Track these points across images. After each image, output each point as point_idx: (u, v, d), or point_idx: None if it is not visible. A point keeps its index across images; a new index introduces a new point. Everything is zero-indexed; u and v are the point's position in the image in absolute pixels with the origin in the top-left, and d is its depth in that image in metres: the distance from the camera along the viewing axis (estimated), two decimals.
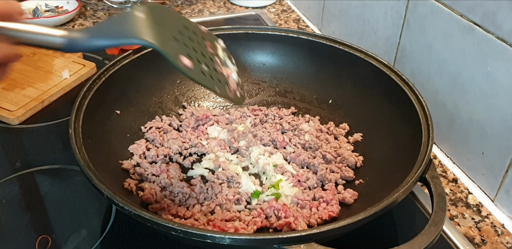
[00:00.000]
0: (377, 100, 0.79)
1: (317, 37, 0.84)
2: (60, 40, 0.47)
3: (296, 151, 0.78)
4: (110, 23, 0.50)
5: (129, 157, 0.76)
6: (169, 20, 0.54)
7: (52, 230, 0.68)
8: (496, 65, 0.69)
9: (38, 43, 0.47)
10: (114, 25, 0.49)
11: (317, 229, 0.51)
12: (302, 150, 0.79)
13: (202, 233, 0.50)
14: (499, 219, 0.73)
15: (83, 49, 0.49)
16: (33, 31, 0.46)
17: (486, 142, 0.74)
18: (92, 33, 0.48)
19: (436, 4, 0.77)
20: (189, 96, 0.89)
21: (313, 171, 0.75)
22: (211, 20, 1.27)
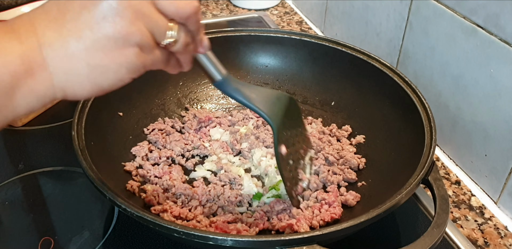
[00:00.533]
0: (379, 103, 0.79)
1: (319, 39, 0.84)
2: (220, 77, 0.52)
3: None
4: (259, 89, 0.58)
5: (131, 158, 0.76)
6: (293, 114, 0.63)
7: (54, 232, 0.68)
8: (499, 67, 0.68)
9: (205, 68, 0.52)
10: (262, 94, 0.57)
11: (320, 231, 0.51)
12: None
13: (204, 235, 0.50)
14: (502, 221, 0.73)
15: (225, 91, 0.55)
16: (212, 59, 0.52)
17: (489, 144, 0.74)
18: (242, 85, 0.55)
19: (439, 6, 0.77)
20: (191, 98, 0.89)
21: (316, 172, 0.75)
22: (214, 22, 1.27)
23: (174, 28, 0.43)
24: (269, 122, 0.57)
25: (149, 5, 0.40)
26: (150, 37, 0.41)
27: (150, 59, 0.43)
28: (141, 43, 0.41)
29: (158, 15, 0.41)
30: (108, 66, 0.40)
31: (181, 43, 0.44)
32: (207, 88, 0.90)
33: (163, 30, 0.42)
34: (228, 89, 0.54)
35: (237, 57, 0.90)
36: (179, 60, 0.48)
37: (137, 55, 0.41)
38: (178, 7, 0.42)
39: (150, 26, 0.41)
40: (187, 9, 0.42)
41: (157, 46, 0.43)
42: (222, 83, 0.53)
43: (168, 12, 0.42)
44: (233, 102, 0.90)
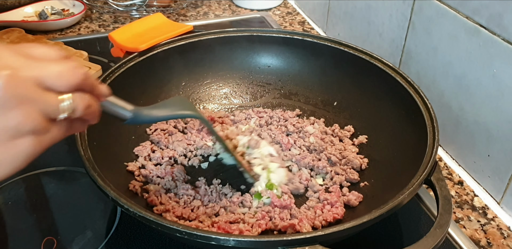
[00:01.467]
0: (382, 103, 0.79)
1: (322, 40, 0.84)
2: (130, 114, 0.53)
3: (301, 153, 0.78)
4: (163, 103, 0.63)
5: (134, 159, 0.76)
6: None
7: (57, 232, 0.68)
8: (502, 67, 0.68)
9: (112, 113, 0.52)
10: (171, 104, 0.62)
11: (322, 231, 0.51)
12: (307, 152, 0.78)
13: (206, 235, 0.50)
14: (505, 222, 0.73)
15: (142, 122, 0.57)
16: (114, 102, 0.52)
17: (492, 144, 0.74)
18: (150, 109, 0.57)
19: (442, 6, 0.77)
20: (194, 98, 0.89)
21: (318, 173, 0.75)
22: (216, 23, 1.27)
23: (67, 99, 0.41)
24: (197, 117, 0.63)
25: (34, 87, 0.39)
26: (42, 121, 0.40)
27: (48, 140, 0.42)
28: (33, 130, 0.39)
29: (46, 95, 0.40)
30: (2, 160, 0.39)
31: (80, 110, 0.43)
32: (209, 89, 0.90)
33: (55, 107, 0.40)
34: (144, 119, 0.56)
35: (239, 57, 0.90)
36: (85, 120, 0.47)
37: (32, 142, 0.40)
38: (64, 81, 0.40)
39: (41, 108, 0.39)
40: (73, 79, 0.41)
41: (54, 124, 0.42)
42: (135, 118, 0.53)
43: (57, 88, 0.40)
44: (235, 102, 0.90)
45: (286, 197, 0.70)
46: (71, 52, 1.05)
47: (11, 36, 1.10)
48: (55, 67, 0.40)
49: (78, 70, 0.41)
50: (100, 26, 1.25)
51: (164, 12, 1.28)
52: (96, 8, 1.31)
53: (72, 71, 0.41)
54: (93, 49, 1.12)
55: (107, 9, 1.31)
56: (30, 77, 0.39)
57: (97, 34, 1.20)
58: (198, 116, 0.63)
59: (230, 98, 0.91)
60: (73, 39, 1.17)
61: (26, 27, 1.16)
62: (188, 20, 1.30)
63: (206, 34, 0.86)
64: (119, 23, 1.27)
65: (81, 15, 1.23)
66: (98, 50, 1.12)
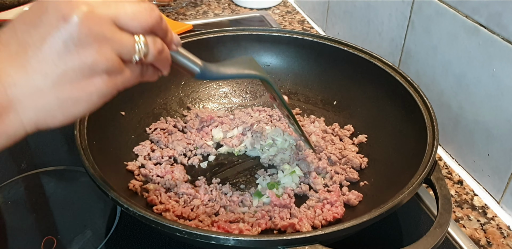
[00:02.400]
0: (381, 102, 0.79)
1: (321, 39, 0.84)
2: (198, 69, 0.52)
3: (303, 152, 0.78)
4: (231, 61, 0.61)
5: (133, 158, 0.76)
6: None
7: (57, 231, 0.68)
8: (502, 66, 0.68)
9: (182, 65, 0.51)
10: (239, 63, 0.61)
11: (322, 230, 0.51)
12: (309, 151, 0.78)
13: (206, 234, 0.50)
14: (505, 221, 0.73)
15: (210, 78, 0.56)
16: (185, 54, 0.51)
17: (492, 143, 0.74)
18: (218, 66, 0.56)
19: (441, 5, 0.77)
20: (193, 97, 0.89)
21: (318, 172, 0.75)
22: (216, 22, 1.27)
23: (141, 41, 0.41)
24: (264, 79, 0.62)
25: (110, 26, 0.39)
26: (117, 61, 0.40)
27: (120, 82, 0.42)
28: (108, 69, 0.40)
29: (121, 34, 0.40)
30: (78, 97, 0.40)
31: (152, 54, 0.43)
32: (209, 88, 0.90)
33: (130, 48, 0.41)
34: (212, 75, 0.55)
35: (239, 56, 0.90)
36: (156, 67, 0.47)
37: (106, 81, 0.40)
38: (140, 21, 0.40)
39: (116, 48, 0.40)
40: (150, 20, 0.41)
41: (127, 65, 0.42)
42: (203, 74, 0.52)
43: (131, 28, 0.40)
44: (235, 101, 0.90)
45: (286, 196, 0.70)
46: None
47: None
48: (132, 7, 0.40)
49: (153, 12, 0.41)
50: None
51: (163, 11, 1.28)
52: None
53: (148, 12, 0.41)
54: None
55: None
56: (106, 15, 0.38)
57: None
58: (264, 77, 0.62)
59: (230, 97, 0.91)
60: None
61: None
62: (187, 19, 1.30)
63: (205, 33, 0.86)
64: None
65: None
66: None
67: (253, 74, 0.61)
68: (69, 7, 0.37)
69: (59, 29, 0.37)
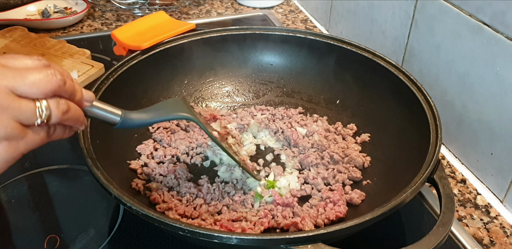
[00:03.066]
0: (385, 101, 0.78)
1: (324, 38, 0.84)
2: (118, 118, 0.53)
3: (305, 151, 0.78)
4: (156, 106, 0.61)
5: (136, 157, 0.76)
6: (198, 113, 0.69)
7: (60, 230, 0.68)
8: (506, 65, 0.68)
9: (100, 118, 0.52)
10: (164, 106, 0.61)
11: (325, 229, 0.51)
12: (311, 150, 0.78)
13: (209, 233, 0.50)
14: (508, 220, 0.73)
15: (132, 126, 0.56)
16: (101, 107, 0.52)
17: (495, 142, 0.73)
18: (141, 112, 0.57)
19: (445, 4, 0.77)
20: (196, 96, 0.89)
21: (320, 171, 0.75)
22: (219, 21, 1.27)
23: (42, 106, 0.42)
24: (191, 119, 0.62)
25: (7, 95, 0.40)
26: (16, 127, 0.41)
27: (23, 146, 0.43)
28: (7, 136, 0.41)
29: (20, 101, 0.41)
30: None
31: (56, 116, 0.44)
32: (211, 87, 0.90)
33: (30, 113, 0.42)
34: (134, 123, 0.56)
35: (242, 55, 0.90)
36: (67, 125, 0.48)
37: (6, 148, 0.41)
38: (39, 88, 0.42)
39: (14, 114, 0.41)
40: (50, 86, 0.42)
41: (29, 130, 0.43)
42: (124, 123, 0.54)
43: (31, 95, 0.42)
44: (238, 100, 0.90)
45: (289, 195, 0.70)
46: (73, 50, 1.06)
47: (14, 35, 1.11)
48: (30, 76, 0.41)
49: (53, 77, 0.42)
50: (102, 25, 1.25)
51: (166, 10, 1.28)
52: (99, 7, 1.31)
53: (46, 78, 0.42)
54: (95, 47, 1.12)
55: (109, 7, 1.31)
56: (3, 85, 0.40)
57: (100, 33, 1.20)
58: (188, 117, 0.61)
59: (233, 96, 0.91)
60: (75, 37, 1.17)
61: (29, 26, 1.16)
62: (190, 18, 1.30)
63: (208, 33, 0.86)
64: (122, 21, 1.27)
65: (83, 13, 1.23)
66: (100, 49, 1.13)
67: (179, 116, 0.61)
68: None
69: None
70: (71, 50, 1.06)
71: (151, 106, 0.61)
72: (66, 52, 1.05)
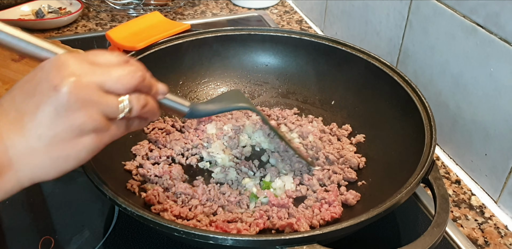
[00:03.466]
0: (379, 102, 0.79)
1: (319, 38, 0.84)
2: (187, 109, 0.57)
3: None
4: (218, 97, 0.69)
5: (131, 158, 0.76)
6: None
7: (55, 231, 0.68)
8: (500, 66, 0.68)
9: (172, 109, 0.56)
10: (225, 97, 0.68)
11: (320, 230, 0.51)
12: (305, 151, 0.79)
13: (204, 234, 0.50)
14: (503, 221, 0.73)
15: (200, 116, 0.63)
16: (173, 99, 0.55)
17: (489, 143, 0.74)
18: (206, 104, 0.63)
19: (439, 5, 0.77)
20: (191, 97, 0.89)
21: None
22: (214, 22, 1.27)
23: (124, 100, 0.46)
24: (251, 109, 0.67)
25: (96, 91, 0.43)
26: (103, 120, 0.44)
27: (107, 137, 0.46)
28: (95, 128, 0.44)
29: (107, 97, 0.44)
30: (68, 155, 0.44)
31: (136, 110, 0.47)
32: (207, 88, 0.90)
33: (115, 108, 0.45)
34: (201, 113, 0.61)
35: (237, 56, 0.90)
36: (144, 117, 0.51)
37: (93, 139, 0.45)
38: (123, 84, 0.45)
39: (101, 109, 0.44)
40: (132, 82, 0.46)
41: (113, 122, 0.46)
42: (192, 113, 0.58)
43: (116, 90, 0.45)
44: None
45: (284, 196, 0.70)
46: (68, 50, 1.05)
47: None
48: (115, 72, 0.45)
49: (135, 74, 0.46)
50: (97, 25, 1.25)
51: (161, 10, 1.28)
52: (93, 7, 1.31)
53: (130, 75, 0.45)
54: (90, 48, 1.11)
55: (104, 7, 1.30)
56: (92, 82, 0.43)
57: (94, 33, 1.20)
58: (251, 108, 0.67)
59: None
60: (70, 38, 1.16)
61: (23, 26, 1.15)
62: (185, 18, 1.30)
63: (203, 33, 0.86)
64: (116, 21, 1.27)
65: (78, 13, 1.22)
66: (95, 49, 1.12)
67: (240, 106, 0.67)
68: (59, 78, 0.42)
69: (50, 98, 0.42)
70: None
71: (214, 98, 0.68)
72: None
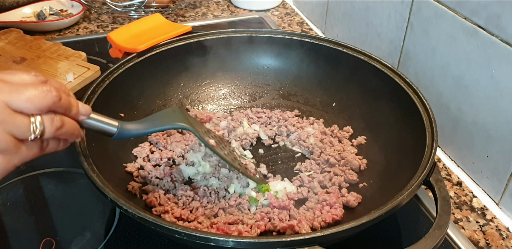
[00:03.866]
0: (380, 104, 0.79)
1: (320, 40, 0.84)
2: (115, 129, 0.55)
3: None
4: (152, 116, 0.63)
5: (133, 160, 0.76)
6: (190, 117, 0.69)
7: (56, 233, 0.68)
8: (501, 68, 0.68)
9: (97, 129, 0.54)
10: (161, 116, 0.63)
11: (321, 232, 0.51)
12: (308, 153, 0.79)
13: (205, 236, 0.50)
14: (504, 223, 0.73)
15: (129, 136, 0.58)
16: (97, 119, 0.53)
17: (491, 145, 0.74)
18: (138, 123, 0.59)
19: (440, 7, 0.77)
20: (192, 99, 0.89)
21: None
22: (215, 23, 1.27)
23: (37, 121, 0.43)
24: (186, 129, 0.62)
25: (3, 109, 0.41)
26: (10, 141, 0.42)
27: (17, 159, 0.44)
28: (1, 149, 0.41)
29: (15, 116, 0.42)
30: None
31: (50, 132, 0.45)
32: (208, 90, 0.90)
33: (24, 129, 0.42)
34: (130, 134, 0.57)
35: (238, 58, 0.90)
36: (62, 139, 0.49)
37: (1, 160, 0.42)
38: (34, 104, 0.43)
39: (8, 129, 0.41)
40: (45, 102, 0.43)
41: (22, 144, 0.44)
42: (121, 133, 0.55)
43: (26, 110, 0.42)
44: (234, 103, 0.90)
45: (285, 198, 0.70)
46: (69, 52, 1.05)
47: (9, 37, 1.10)
48: (26, 91, 0.42)
49: (49, 94, 0.43)
50: (98, 27, 1.25)
51: (162, 12, 1.28)
52: (95, 9, 1.31)
53: (42, 94, 0.43)
54: (91, 50, 1.11)
55: (105, 9, 1.30)
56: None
57: (96, 35, 1.20)
58: (184, 127, 0.62)
59: (229, 99, 0.91)
60: (71, 39, 1.17)
61: (25, 28, 1.16)
62: (186, 20, 1.30)
63: (204, 35, 0.86)
64: (118, 23, 1.27)
65: (79, 15, 1.23)
66: (96, 51, 1.12)
67: (175, 125, 0.63)
68: None
69: None
70: (66, 53, 1.05)
71: (147, 117, 0.62)
72: (61, 55, 1.04)
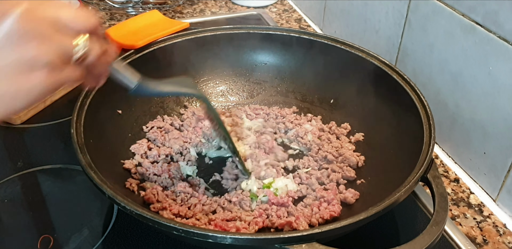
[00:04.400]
0: (378, 100, 0.79)
1: (318, 37, 0.84)
2: (135, 82, 0.54)
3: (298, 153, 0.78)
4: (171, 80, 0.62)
5: (130, 156, 0.76)
6: None
7: (54, 230, 0.68)
8: (498, 64, 0.68)
9: (119, 77, 0.53)
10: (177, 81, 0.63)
11: (319, 228, 0.51)
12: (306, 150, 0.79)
13: (203, 232, 0.50)
14: (501, 219, 0.73)
15: (146, 94, 0.57)
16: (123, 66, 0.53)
17: (488, 141, 0.74)
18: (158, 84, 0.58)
19: (438, 3, 0.77)
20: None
21: None
22: (213, 20, 1.27)
23: (81, 42, 0.43)
24: (199, 96, 0.66)
25: (49, 26, 0.41)
26: (57, 57, 0.41)
27: (62, 78, 0.43)
28: (48, 64, 0.41)
29: (62, 34, 0.42)
30: (17, 91, 0.40)
31: (92, 55, 0.45)
32: (206, 86, 0.90)
33: (69, 48, 0.42)
34: (147, 91, 0.56)
35: (236, 54, 0.90)
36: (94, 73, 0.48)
37: (46, 76, 0.41)
38: (78, 24, 0.43)
39: (56, 46, 0.41)
40: (88, 24, 0.44)
41: (68, 64, 0.43)
42: (140, 88, 0.54)
43: (74, 27, 0.43)
44: (232, 99, 0.90)
45: (284, 195, 0.70)
46: None
47: None
48: (72, 11, 0.42)
49: (93, 17, 0.44)
50: None
51: (160, 9, 1.28)
52: (92, 5, 1.31)
53: (88, 15, 0.43)
54: None
55: (103, 6, 1.30)
56: (46, 15, 0.40)
57: None
58: (200, 95, 0.65)
59: (227, 95, 0.91)
60: None
61: None
62: (184, 17, 1.30)
63: (202, 32, 0.86)
64: (115, 20, 1.27)
65: None
66: None
67: (191, 92, 0.66)
68: (10, 4, 0.39)
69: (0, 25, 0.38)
70: None
71: (164, 80, 0.61)
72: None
